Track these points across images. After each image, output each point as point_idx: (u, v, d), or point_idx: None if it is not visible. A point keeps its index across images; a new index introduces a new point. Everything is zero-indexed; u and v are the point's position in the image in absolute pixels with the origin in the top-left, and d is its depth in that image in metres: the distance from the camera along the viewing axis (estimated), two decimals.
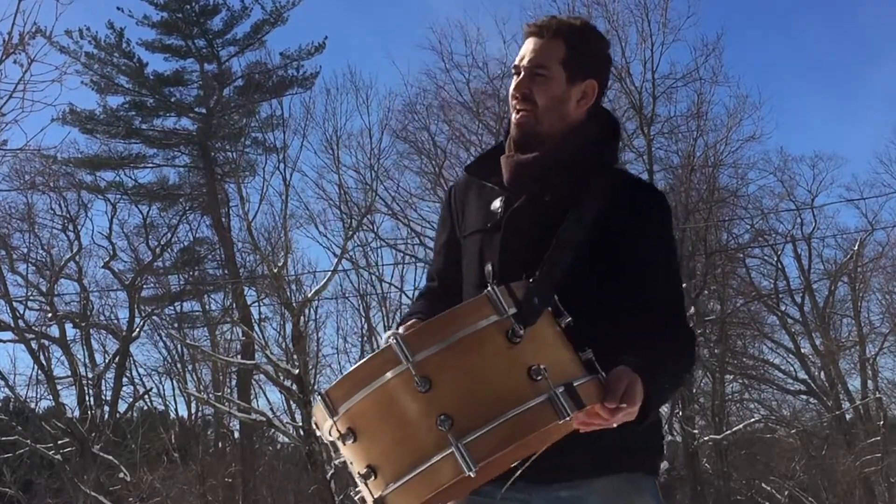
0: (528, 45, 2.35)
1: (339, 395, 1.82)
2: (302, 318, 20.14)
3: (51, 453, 20.81)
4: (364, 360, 1.82)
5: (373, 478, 1.79)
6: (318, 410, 1.89)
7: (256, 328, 21.86)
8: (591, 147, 2.35)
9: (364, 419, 1.80)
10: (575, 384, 1.81)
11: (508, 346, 1.80)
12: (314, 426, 1.97)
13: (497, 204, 2.34)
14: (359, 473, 1.83)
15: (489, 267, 2.26)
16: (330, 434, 1.88)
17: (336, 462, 1.98)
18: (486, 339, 1.80)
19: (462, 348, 1.78)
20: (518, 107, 2.33)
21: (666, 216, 2.36)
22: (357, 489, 1.91)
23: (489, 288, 1.85)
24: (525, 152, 2.32)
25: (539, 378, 1.79)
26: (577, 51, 2.33)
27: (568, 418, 1.78)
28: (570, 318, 1.89)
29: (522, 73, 2.34)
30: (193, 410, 24.49)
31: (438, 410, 1.74)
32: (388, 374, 1.76)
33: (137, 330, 23.43)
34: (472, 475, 1.70)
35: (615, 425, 1.91)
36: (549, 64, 2.31)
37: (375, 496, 1.80)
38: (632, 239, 2.24)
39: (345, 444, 1.83)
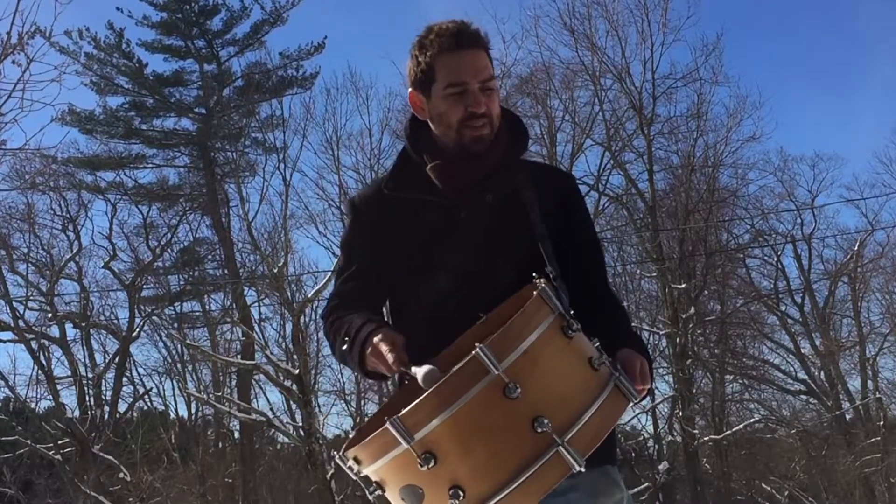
0: (473, 59, 2.32)
1: (418, 418, 1.75)
2: (302, 318, 20.15)
3: (51, 453, 20.80)
4: (447, 377, 1.78)
5: (461, 497, 1.75)
6: (374, 442, 1.81)
7: (256, 328, 21.91)
8: (508, 144, 2.42)
9: (448, 439, 1.75)
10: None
11: (567, 341, 1.86)
12: (352, 462, 1.87)
13: (435, 214, 2.33)
14: (440, 498, 1.77)
15: (548, 271, 2.12)
16: (389, 464, 1.80)
17: (371, 497, 1.91)
18: (551, 337, 1.84)
19: (535, 351, 1.80)
20: (479, 122, 2.32)
21: (580, 191, 2.59)
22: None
23: (540, 287, 1.86)
24: (471, 161, 2.34)
25: (599, 366, 1.86)
26: (490, 56, 2.39)
27: (636, 400, 1.89)
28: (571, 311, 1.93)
29: (476, 89, 2.31)
30: (193, 410, 24.53)
31: (532, 414, 1.75)
32: (476, 388, 1.74)
33: (137, 330, 23.43)
34: (583, 469, 1.74)
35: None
36: (493, 75, 2.36)
37: None
38: (570, 220, 2.41)
39: (421, 470, 1.76)
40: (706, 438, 21.17)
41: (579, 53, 21.85)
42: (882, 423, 21.22)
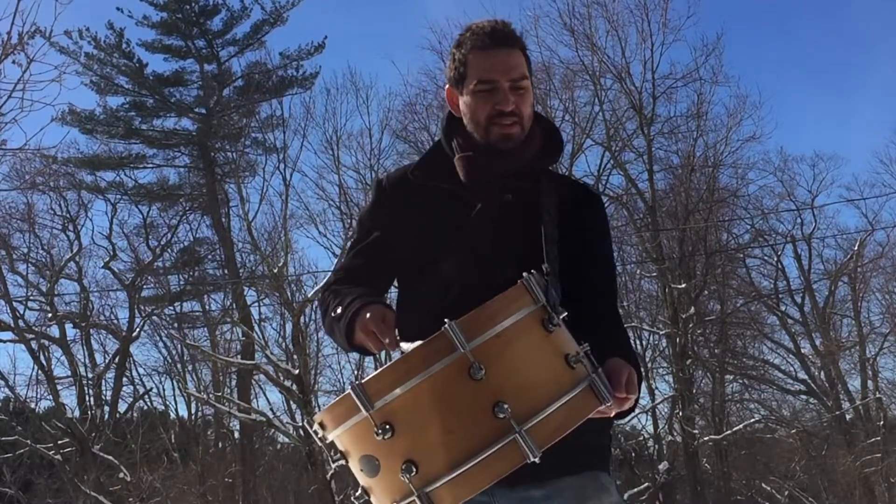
0: (502, 58, 2.35)
1: (380, 387, 1.75)
2: (302, 318, 20.15)
3: (51, 453, 20.80)
4: (412, 349, 1.78)
5: (413, 472, 1.74)
6: (336, 408, 1.82)
7: (256, 328, 21.90)
8: (539, 151, 2.43)
9: (407, 411, 1.74)
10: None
11: (545, 334, 1.84)
12: (317, 426, 1.88)
13: (453, 205, 2.36)
14: (395, 470, 1.77)
15: (544, 267, 2.14)
16: (349, 431, 1.81)
17: (335, 465, 1.92)
18: (528, 327, 1.82)
19: (508, 336, 1.79)
20: (508, 120, 2.34)
21: (605, 213, 2.58)
22: (358, 493, 1.88)
23: (525, 276, 1.85)
24: (496, 156, 2.36)
25: (575, 365, 1.84)
26: (528, 56, 2.45)
27: (609, 403, 1.86)
28: (566, 312, 1.92)
29: (506, 89, 2.34)
30: (193, 410, 24.53)
31: (494, 398, 1.73)
32: (441, 363, 1.73)
33: (137, 330, 23.44)
34: (537, 461, 1.72)
35: (612, 414, 1.99)
36: (525, 74, 2.39)
37: (420, 490, 1.75)
38: (588, 237, 2.41)
39: (377, 439, 1.76)
40: (706, 438, 21.17)
41: (579, 53, 21.88)
42: (882, 423, 21.22)
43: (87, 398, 22.27)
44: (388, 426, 1.75)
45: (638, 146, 22.23)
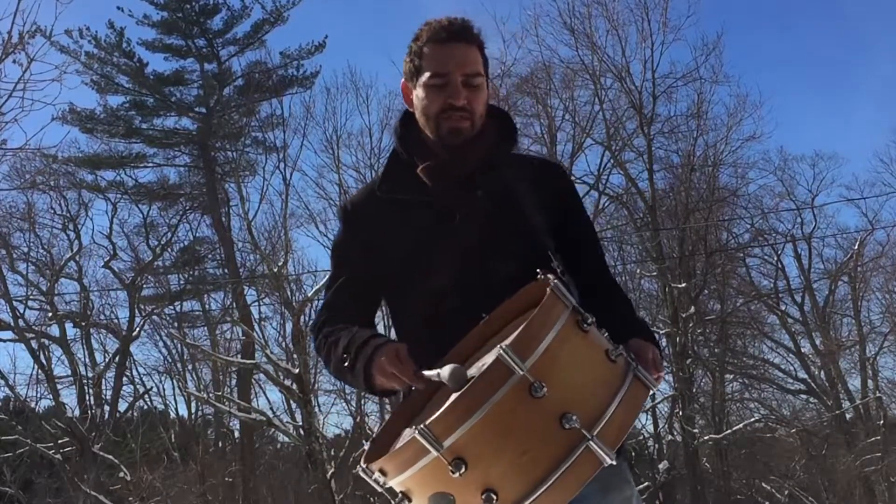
0: (457, 52, 2.32)
1: (446, 425, 1.73)
2: (302, 317, 20.11)
3: (51, 453, 20.80)
4: (472, 382, 1.76)
5: (494, 500, 1.74)
6: (402, 454, 1.79)
7: (256, 328, 21.89)
8: (498, 139, 2.41)
9: (478, 443, 1.73)
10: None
11: (583, 335, 1.85)
12: (378, 475, 1.84)
13: (428, 214, 2.32)
14: (473, 502, 1.75)
15: (554, 265, 2.15)
16: (419, 474, 1.78)
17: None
18: (569, 333, 1.83)
19: (555, 348, 1.79)
20: (458, 115, 2.32)
21: (572, 182, 2.58)
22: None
23: (553, 283, 1.85)
24: (456, 156, 2.34)
25: (616, 358, 1.86)
26: (485, 55, 2.40)
27: (655, 388, 1.89)
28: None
29: (459, 83, 2.31)
30: (193, 410, 24.53)
31: (559, 411, 1.74)
32: (503, 390, 1.72)
33: (137, 329, 23.44)
34: (614, 462, 1.73)
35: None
36: (479, 71, 2.35)
37: None
38: (566, 211, 2.41)
39: (452, 477, 1.73)
40: (706, 438, 21.16)
41: (579, 53, 21.87)
42: (882, 422, 21.22)
43: (87, 397, 22.28)
44: (460, 461, 1.73)
45: (638, 146, 22.24)
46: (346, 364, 2.20)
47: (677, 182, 22.48)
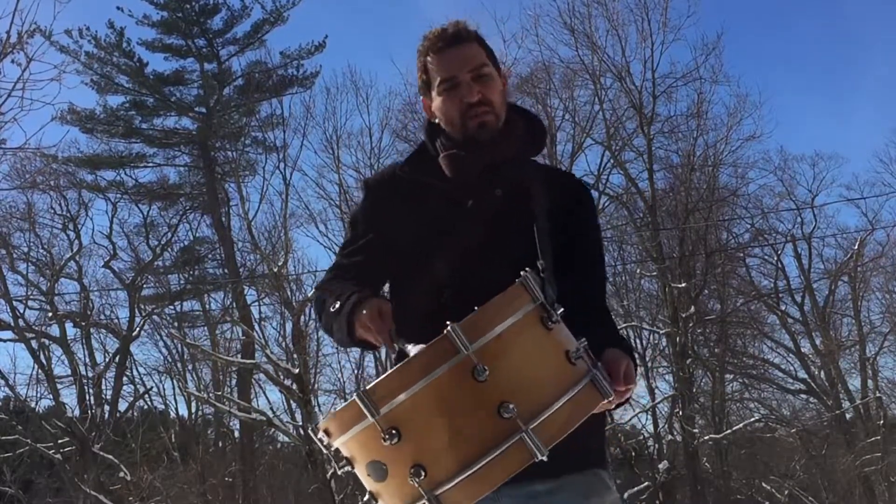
0: (457, 54, 2.36)
1: (385, 392, 1.75)
2: (302, 317, 20.13)
3: (51, 453, 20.81)
4: (415, 354, 1.78)
5: (422, 476, 1.75)
6: (342, 415, 1.81)
7: (256, 328, 21.90)
8: (523, 141, 2.44)
9: (413, 416, 1.74)
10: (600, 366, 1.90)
11: (545, 331, 1.84)
12: (322, 434, 1.88)
13: (443, 203, 2.36)
14: (403, 475, 1.77)
15: (539, 263, 2.16)
16: (356, 438, 1.80)
17: (340, 472, 1.91)
18: (528, 325, 1.82)
19: (509, 336, 1.78)
20: (480, 110, 2.35)
21: (593, 201, 2.59)
22: (366, 498, 1.87)
23: (523, 275, 1.85)
24: (481, 150, 2.36)
25: (576, 361, 1.84)
26: (487, 46, 2.44)
27: (611, 398, 1.87)
28: (562, 309, 1.91)
29: (468, 79, 2.35)
30: (193, 410, 24.54)
31: (498, 398, 1.73)
32: (445, 366, 1.73)
33: (137, 329, 23.45)
34: (545, 458, 1.72)
35: (613, 406, 2.00)
36: (484, 62, 2.39)
37: (429, 493, 1.75)
38: (576, 226, 2.41)
39: (384, 445, 1.76)
40: (706, 438, 21.16)
41: (579, 52, 21.86)
42: (882, 422, 21.23)
43: (87, 397, 22.30)
44: (394, 431, 1.75)
45: (638, 145, 22.24)
46: (333, 309, 2.23)
47: (677, 182, 22.49)
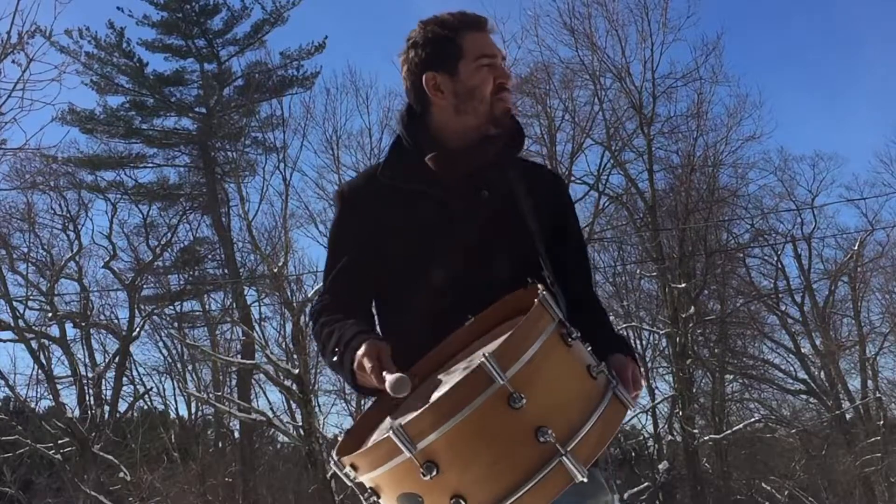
0: (492, 38, 2.40)
1: (422, 427, 1.72)
2: (302, 317, 20.11)
3: (51, 453, 20.81)
4: (450, 388, 1.75)
5: None
6: (374, 451, 1.79)
7: (256, 328, 21.89)
8: (507, 140, 2.42)
9: (451, 449, 1.72)
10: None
11: (567, 349, 1.83)
12: (349, 469, 1.84)
13: (430, 206, 2.31)
14: None
15: (545, 275, 2.15)
16: (389, 472, 1.77)
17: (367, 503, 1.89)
18: (553, 346, 1.81)
19: (538, 360, 1.78)
20: (507, 95, 2.37)
21: (570, 194, 2.61)
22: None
23: (542, 294, 1.83)
24: (468, 153, 2.34)
25: (597, 375, 1.84)
26: None
27: (632, 408, 1.88)
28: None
29: (502, 63, 2.38)
30: (193, 410, 24.54)
31: (535, 424, 1.73)
32: (482, 398, 1.72)
33: (137, 330, 23.44)
34: (585, 479, 1.72)
35: None
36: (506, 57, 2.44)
37: None
38: (561, 223, 2.42)
39: (423, 479, 1.73)
40: (706, 438, 21.16)
41: (579, 53, 21.87)
42: (882, 422, 21.22)
43: (87, 398, 22.29)
44: (431, 465, 1.73)
45: (638, 146, 22.25)
46: (336, 360, 2.19)
47: (677, 182, 22.49)
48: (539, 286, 1.87)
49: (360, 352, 2.05)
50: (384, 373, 1.96)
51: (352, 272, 2.37)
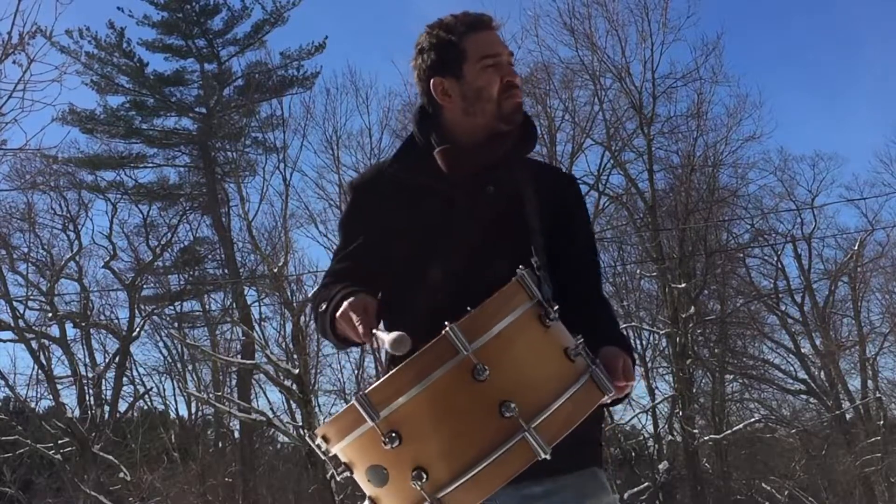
0: (495, 36, 2.40)
1: (385, 395, 1.72)
2: (302, 317, 20.13)
3: (51, 453, 20.80)
4: (414, 356, 1.75)
5: (424, 479, 1.72)
6: (340, 420, 1.79)
7: (256, 328, 21.89)
8: (517, 139, 2.42)
9: (414, 418, 1.72)
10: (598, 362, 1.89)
11: (543, 329, 1.83)
12: (320, 440, 1.84)
13: (435, 202, 2.32)
14: (404, 478, 1.74)
15: (533, 261, 2.13)
16: (355, 443, 1.77)
17: (339, 478, 1.88)
18: (526, 323, 1.81)
19: (508, 335, 1.77)
20: (515, 92, 2.37)
21: (581, 194, 2.58)
22: (365, 502, 1.84)
23: (520, 273, 1.84)
24: (478, 149, 2.35)
25: (575, 358, 1.83)
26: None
27: (611, 393, 1.86)
28: (558, 305, 1.89)
29: (508, 60, 2.38)
30: (193, 410, 24.53)
31: (499, 398, 1.71)
32: (445, 367, 1.71)
33: (137, 330, 23.45)
34: (548, 457, 1.71)
35: (609, 402, 1.99)
36: (513, 54, 2.44)
37: (432, 496, 1.73)
38: (569, 223, 2.41)
39: (385, 449, 1.73)
40: (706, 438, 21.16)
41: (579, 53, 21.88)
42: (882, 422, 21.22)
43: (87, 398, 22.29)
44: (394, 434, 1.73)
45: (638, 146, 22.25)
46: (321, 310, 2.21)
47: (677, 182, 22.49)
48: (523, 268, 1.86)
49: (348, 302, 2.08)
50: (376, 331, 1.97)
51: (356, 256, 2.41)
